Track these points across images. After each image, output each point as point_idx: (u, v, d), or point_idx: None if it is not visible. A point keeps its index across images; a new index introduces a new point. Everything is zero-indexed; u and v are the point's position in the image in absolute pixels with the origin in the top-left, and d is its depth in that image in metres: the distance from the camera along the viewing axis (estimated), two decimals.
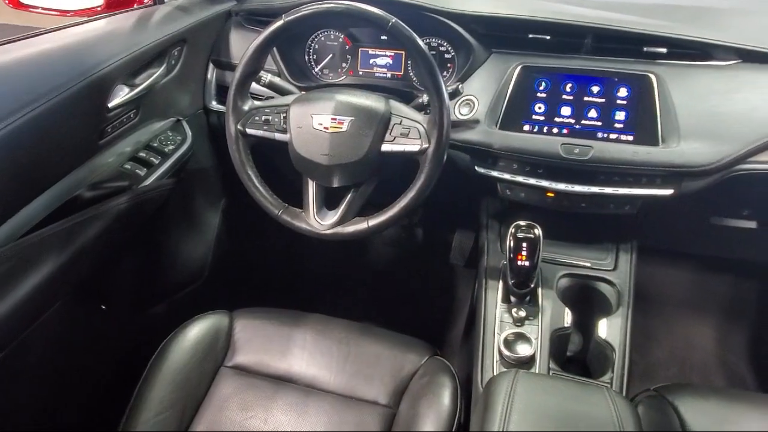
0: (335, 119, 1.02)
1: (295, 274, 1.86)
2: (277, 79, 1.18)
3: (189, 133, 1.31)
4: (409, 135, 1.01)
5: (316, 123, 1.02)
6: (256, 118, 1.07)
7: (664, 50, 1.08)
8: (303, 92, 1.12)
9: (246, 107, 1.07)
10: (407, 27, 0.96)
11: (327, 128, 1.02)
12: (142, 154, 1.20)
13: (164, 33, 1.22)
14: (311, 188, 1.08)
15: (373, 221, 1.04)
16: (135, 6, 1.37)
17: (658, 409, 0.96)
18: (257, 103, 1.09)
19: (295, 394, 1.06)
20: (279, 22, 1.00)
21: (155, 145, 1.24)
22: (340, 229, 1.05)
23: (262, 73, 1.13)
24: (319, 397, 1.06)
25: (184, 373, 1.06)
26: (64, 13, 1.27)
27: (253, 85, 1.16)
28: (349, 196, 1.06)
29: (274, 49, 1.27)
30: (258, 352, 1.12)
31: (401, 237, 1.89)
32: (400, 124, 1.02)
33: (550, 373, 1.07)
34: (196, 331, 1.13)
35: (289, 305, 1.21)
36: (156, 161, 1.21)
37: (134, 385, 1.03)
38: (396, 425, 1.01)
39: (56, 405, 1.16)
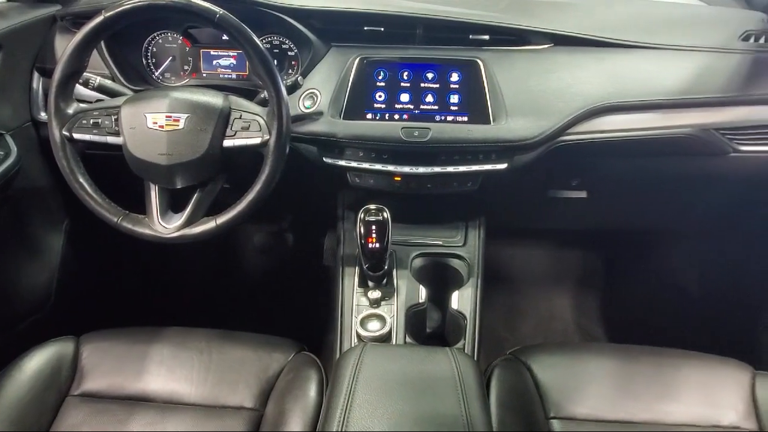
0: (170, 116, 0.98)
1: (157, 290, 1.75)
2: (108, 82, 1.11)
3: (13, 147, 1.19)
4: (249, 128, 1.00)
5: (150, 122, 0.98)
6: (84, 121, 1.01)
7: (486, 37, 1.17)
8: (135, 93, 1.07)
9: (70, 110, 1.00)
10: (236, 19, 0.95)
11: (162, 126, 0.98)
12: None
13: None
14: (153, 192, 1.03)
15: (222, 219, 1.01)
16: None
17: (513, 369, 1.02)
18: (83, 105, 1.02)
19: (152, 413, 1.00)
20: (98, 18, 0.95)
21: None
22: (187, 231, 1.01)
23: (90, 76, 1.06)
24: (179, 411, 1.00)
25: (19, 408, 0.97)
26: None
27: (84, 91, 1.09)
28: (195, 196, 1.03)
29: (105, 51, 1.20)
30: (109, 376, 1.04)
31: (272, 243, 1.86)
32: (240, 118, 1.01)
33: None
34: (36, 361, 1.03)
35: (151, 324, 1.13)
36: None
37: None
38: (263, 427, 0.98)
39: None
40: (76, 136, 1.00)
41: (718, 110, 1.13)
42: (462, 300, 1.18)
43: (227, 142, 0.99)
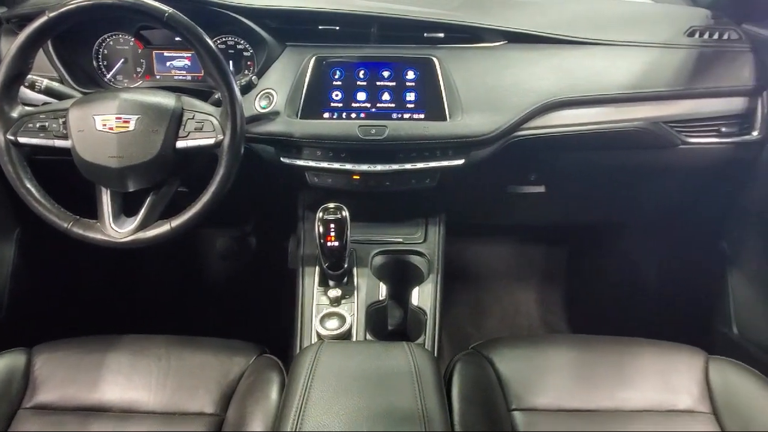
0: (120, 118, 0.97)
1: (116, 298, 1.70)
2: (55, 85, 1.08)
3: None
4: (203, 129, 0.99)
5: (99, 124, 0.96)
6: (30, 125, 0.98)
7: (441, 35, 1.18)
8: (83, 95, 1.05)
9: (15, 114, 0.98)
10: (186, 18, 0.94)
11: (112, 128, 0.96)
12: None
13: None
14: (105, 195, 1.01)
15: (176, 221, 0.99)
16: None
17: (476, 363, 1.03)
18: (29, 108, 0.99)
19: (110, 422, 0.97)
20: (42, 18, 0.93)
21: None
22: (140, 235, 0.99)
23: (37, 78, 1.03)
24: (138, 420, 0.98)
25: None
26: None
27: (32, 94, 1.06)
28: (148, 199, 1.01)
29: (52, 52, 1.17)
30: (62, 387, 1.01)
31: (235, 249, 1.83)
32: (193, 118, 1.00)
33: None
34: None
35: (110, 333, 1.10)
36: None
37: None
38: (224, 430, 0.96)
39: None
40: (21, 140, 0.97)
41: (667, 104, 1.17)
42: (422, 296, 1.18)
43: (180, 143, 0.98)
